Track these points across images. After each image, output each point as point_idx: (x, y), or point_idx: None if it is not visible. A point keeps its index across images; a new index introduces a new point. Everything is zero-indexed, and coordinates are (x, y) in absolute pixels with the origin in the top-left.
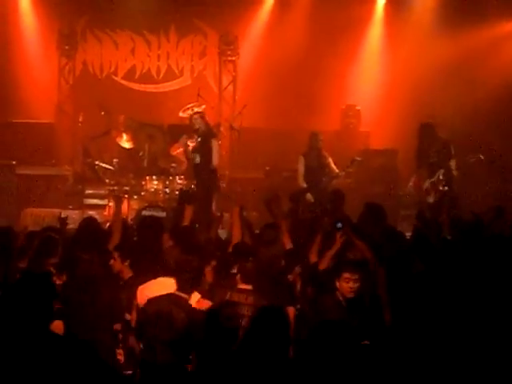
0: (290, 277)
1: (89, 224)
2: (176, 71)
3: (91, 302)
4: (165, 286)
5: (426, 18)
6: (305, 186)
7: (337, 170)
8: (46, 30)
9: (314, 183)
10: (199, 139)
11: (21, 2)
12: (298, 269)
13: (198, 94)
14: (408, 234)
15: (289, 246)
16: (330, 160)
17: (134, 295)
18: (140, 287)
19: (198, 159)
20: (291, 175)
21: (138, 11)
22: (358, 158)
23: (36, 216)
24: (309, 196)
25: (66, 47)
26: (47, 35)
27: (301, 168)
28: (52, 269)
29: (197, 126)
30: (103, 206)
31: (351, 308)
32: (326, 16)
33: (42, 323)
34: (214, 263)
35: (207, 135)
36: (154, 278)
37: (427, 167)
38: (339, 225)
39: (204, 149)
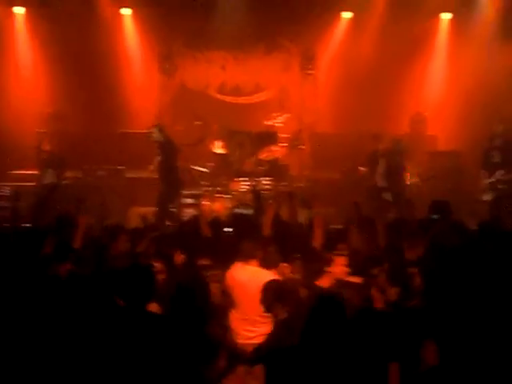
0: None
1: (194, 222)
2: (262, 84)
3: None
4: (245, 268)
5: (491, 28)
6: (383, 185)
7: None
8: (147, 50)
9: (393, 184)
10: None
11: (125, 26)
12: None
13: (281, 105)
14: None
15: (383, 243)
16: (407, 164)
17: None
18: (227, 272)
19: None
20: (364, 175)
21: (228, 32)
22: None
23: (140, 214)
24: (387, 195)
25: (166, 66)
26: (148, 55)
27: (380, 168)
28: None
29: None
30: (198, 205)
31: None
32: (397, 30)
33: (144, 303)
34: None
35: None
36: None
37: (489, 167)
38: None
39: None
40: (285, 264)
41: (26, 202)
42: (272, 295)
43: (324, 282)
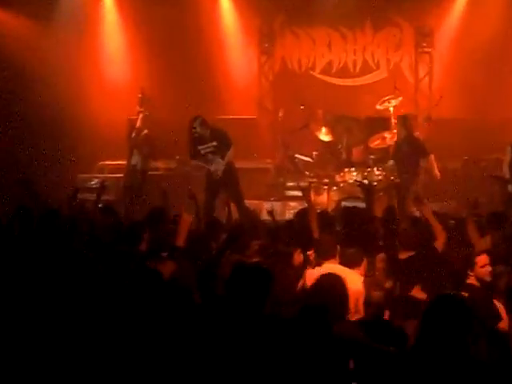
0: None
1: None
2: (372, 64)
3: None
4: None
5: None
6: (507, 176)
7: None
8: (246, 29)
9: None
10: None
11: (221, 2)
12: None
13: (395, 87)
14: None
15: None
16: None
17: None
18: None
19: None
20: (488, 165)
21: (334, 7)
22: None
23: (267, 208)
24: (510, 188)
25: (266, 45)
26: (247, 34)
27: (507, 158)
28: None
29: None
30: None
31: None
32: None
33: (261, 307)
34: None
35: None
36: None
37: None
38: None
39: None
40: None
41: (115, 195)
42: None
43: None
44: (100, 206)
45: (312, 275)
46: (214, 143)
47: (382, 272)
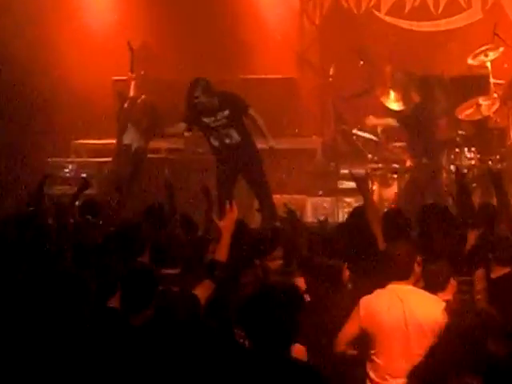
0: None
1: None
2: (462, 2)
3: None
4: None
5: None
6: None
7: None
8: None
9: None
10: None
11: None
12: None
13: (494, 32)
14: None
15: None
16: None
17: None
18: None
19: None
20: None
21: None
22: None
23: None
24: None
25: None
26: None
27: None
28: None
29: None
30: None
31: None
32: None
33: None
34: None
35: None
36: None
37: None
38: None
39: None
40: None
41: (98, 186)
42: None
43: None
44: (78, 203)
45: (370, 303)
46: (226, 112)
47: (483, 295)
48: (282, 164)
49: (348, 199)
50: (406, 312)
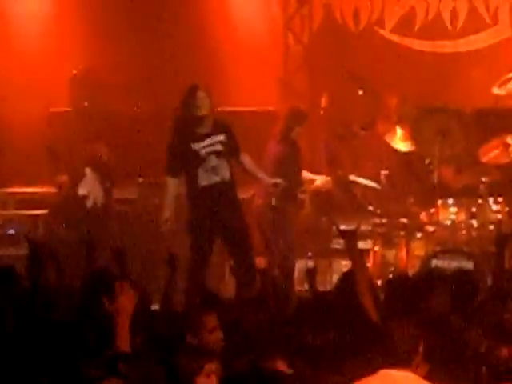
0: None
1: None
2: (486, 16)
3: None
4: None
5: None
6: None
7: None
8: None
9: None
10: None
11: None
12: None
13: None
14: None
15: None
16: None
17: None
18: None
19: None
20: None
21: None
22: None
23: None
24: None
25: None
26: None
27: None
28: None
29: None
30: (365, 252)
31: None
32: None
33: None
34: None
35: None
36: None
37: None
38: None
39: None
40: None
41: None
42: None
43: None
44: None
45: None
46: (221, 137)
47: None
48: None
49: (345, 262)
50: None
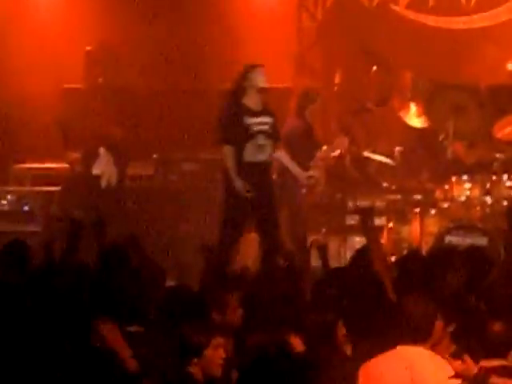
0: None
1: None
2: None
3: None
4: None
5: None
6: None
7: None
8: None
9: None
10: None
11: None
12: None
13: None
14: None
15: None
16: None
17: None
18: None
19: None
20: None
21: None
22: None
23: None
24: None
25: None
26: None
27: None
28: None
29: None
30: (379, 229)
31: None
32: None
33: None
34: None
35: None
36: None
37: None
38: None
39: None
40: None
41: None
42: None
43: None
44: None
45: (370, 372)
46: (270, 119)
47: None
48: None
49: (358, 238)
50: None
